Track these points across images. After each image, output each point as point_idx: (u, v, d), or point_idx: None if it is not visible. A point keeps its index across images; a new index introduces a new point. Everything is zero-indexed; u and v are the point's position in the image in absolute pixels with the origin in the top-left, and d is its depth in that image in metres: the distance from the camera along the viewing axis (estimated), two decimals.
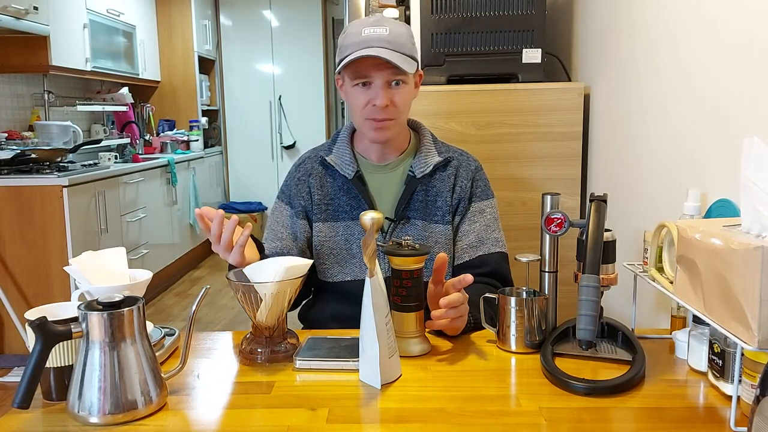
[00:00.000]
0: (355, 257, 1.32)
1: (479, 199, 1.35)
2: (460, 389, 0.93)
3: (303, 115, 5.87)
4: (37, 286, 3.05)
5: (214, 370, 1.02)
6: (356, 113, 1.27)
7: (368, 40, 1.20)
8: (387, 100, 1.22)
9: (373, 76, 1.22)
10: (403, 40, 1.22)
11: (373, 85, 1.23)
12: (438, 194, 1.33)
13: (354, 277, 1.32)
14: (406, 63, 1.21)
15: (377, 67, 1.20)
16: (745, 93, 1.10)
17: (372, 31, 1.20)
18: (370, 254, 0.93)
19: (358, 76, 1.23)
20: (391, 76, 1.22)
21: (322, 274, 1.34)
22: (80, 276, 1.00)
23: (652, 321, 1.47)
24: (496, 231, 1.35)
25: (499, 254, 1.33)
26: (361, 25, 1.22)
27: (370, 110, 1.24)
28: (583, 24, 1.99)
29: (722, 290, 0.80)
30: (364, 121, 1.26)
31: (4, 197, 2.98)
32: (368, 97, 1.23)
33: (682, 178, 1.33)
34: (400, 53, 1.20)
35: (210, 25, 5.55)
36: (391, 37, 1.20)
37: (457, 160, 1.36)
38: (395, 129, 1.29)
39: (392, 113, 1.24)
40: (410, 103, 1.29)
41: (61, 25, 3.53)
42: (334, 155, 1.34)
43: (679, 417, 0.85)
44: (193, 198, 4.87)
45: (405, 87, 1.25)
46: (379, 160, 1.34)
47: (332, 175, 1.34)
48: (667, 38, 1.40)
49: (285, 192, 1.38)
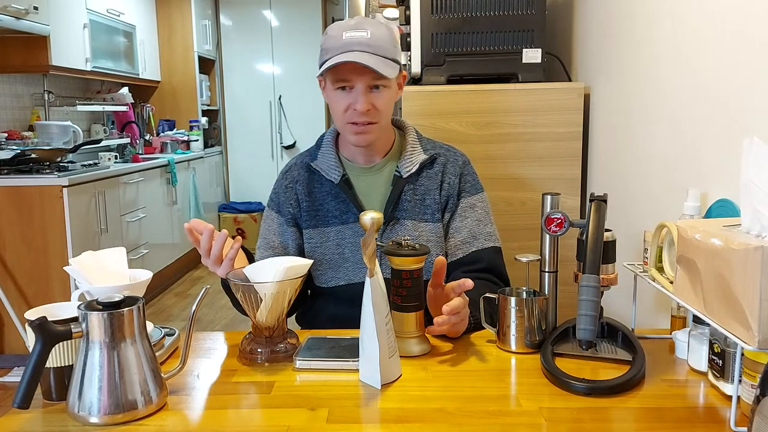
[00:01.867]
0: (348, 261, 1.31)
1: (468, 194, 1.34)
2: (460, 389, 0.93)
3: (303, 115, 5.87)
4: (37, 286, 3.05)
5: (214, 370, 1.02)
6: (338, 117, 1.26)
7: (349, 44, 1.18)
8: (368, 104, 1.21)
9: (354, 80, 1.20)
10: (383, 43, 1.20)
11: (354, 90, 1.22)
12: (426, 192, 1.32)
13: (348, 281, 1.31)
14: (388, 67, 1.19)
15: (358, 71, 1.19)
16: (745, 93, 1.10)
17: (353, 34, 1.19)
18: (370, 254, 0.93)
19: (339, 80, 1.21)
20: (371, 80, 1.20)
21: (316, 280, 1.34)
22: (80, 276, 1.00)
23: (652, 321, 1.47)
24: (488, 225, 1.34)
25: (493, 248, 1.32)
26: (341, 29, 1.21)
27: (351, 114, 1.23)
28: (583, 24, 1.99)
29: (722, 290, 0.80)
30: (346, 126, 1.26)
31: (4, 197, 2.98)
32: (349, 101, 1.22)
33: (682, 178, 1.33)
34: (381, 56, 1.19)
35: (210, 25, 5.55)
36: (372, 40, 1.19)
37: (444, 156, 1.35)
38: (377, 133, 1.27)
39: (374, 117, 1.23)
40: (392, 105, 1.29)
41: (61, 25, 3.53)
42: (319, 161, 1.34)
43: (679, 417, 0.85)
44: (193, 198, 4.87)
45: (386, 90, 1.24)
46: (365, 162, 1.34)
47: (319, 180, 1.33)
48: (667, 38, 1.40)
49: (274, 200, 1.38)
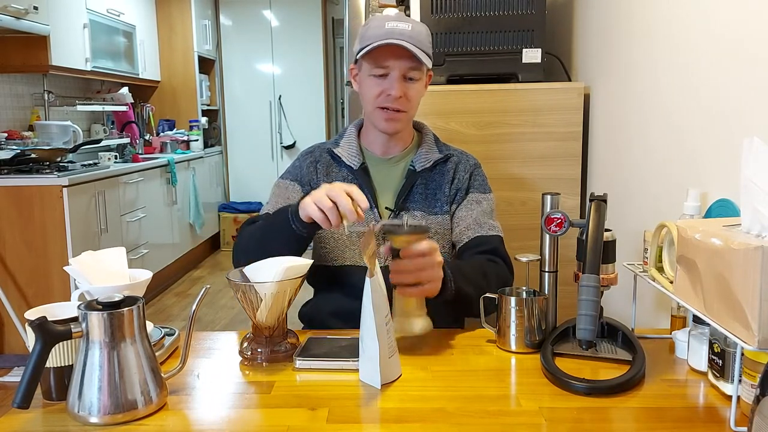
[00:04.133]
0: (355, 244, 1.35)
1: (477, 191, 1.40)
2: (460, 389, 0.93)
3: (303, 115, 5.87)
4: (37, 286, 3.05)
5: (214, 370, 1.02)
6: (369, 102, 1.33)
7: (391, 32, 1.26)
8: (401, 91, 1.29)
9: (392, 65, 1.28)
10: (422, 38, 1.29)
11: (389, 77, 1.29)
12: (437, 187, 1.38)
13: (353, 262, 1.35)
14: (424, 57, 1.28)
15: (397, 57, 1.27)
16: (745, 93, 1.10)
17: (395, 24, 1.27)
18: (370, 254, 0.93)
19: (378, 64, 1.28)
20: (408, 68, 1.28)
21: (322, 259, 1.37)
22: (80, 276, 1.00)
23: (652, 321, 1.47)
24: (492, 219, 1.39)
25: (497, 237, 1.36)
26: (384, 19, 1.29)
27: (383, 99, 1.30)
28: (583, 24, 1.99)
29: (722, 290, 0.80)
30: (375, 110, 1.32)
31: (4, 197, 2.98)
32: (382, 87, 1.30)
33: (682, 178, 1.33)
34: (419, 48, 1.26)
35: (210, 25, 5.55)
36: (413, 33, 1.27)
37: (457, 157, 1.43)
38: (404, 122, 1.35)
39: (404, 105, 1.31)
40: (420, 100, 1.36)
41: (61, 25, 3.53)
42: (341, 147, 1.41)
43: (679, 417, 0.85)
44: (193, 198, 4.87)
45: (418, 83, 1.32)
46: (383, 153, 1.40)
47: (338, 165, 1.40)
48: (667, 38, 1.40)
49: (292, 173, 1.43)
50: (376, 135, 1.38)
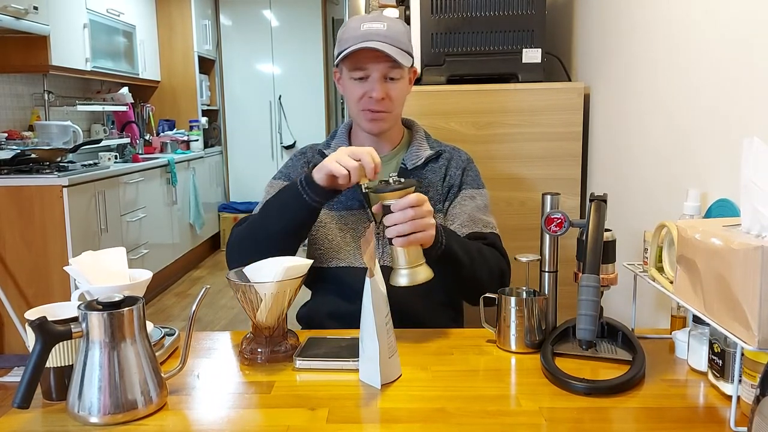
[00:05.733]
0: (350, 245, 1.34)
1: (470, 186, 1.39)
2: (460, 389, 0.93)
3: (303, 115, 5.87)
4: (37, 286, 3.05)
5: (214, 370, 1.02)
6: (353, 105, 1.33)
7: (367, 34, 1.25)
8: (383, 92, 1.28)
9: (371, 68, 1.27)
10: (399, 36, 1.27)
11: (369, 78, 1.28)
12: (430, 185, 1.37)
13: (348, 264, 1.33)
14: (402, 57, 1.26)
15: (375, 59, 1.25)
16: (745, 93, 1.10)
17: (371, 26, 1.26)
18: (370, 254, 0.93)
19: (356, 68, 1.28)
20: (387, 69, 1.27)
21: (317, 261, 1.35)
22: (80, 276, 1.00)
23: (652, 321, 1.47)
24: (487, 215, 1.37)
25: (493, 233, 1.34)
26: (360, 21, 1.27)
27: (366, 102, 1.29)
28: (583, 24, 1.99)
29: (722, 290, 0.80)
30: (360, 113, 1.32)
31: (4, 197, 2.98)
32: (364, 90, 1.29)
33: (682, 178, 1.33)
34: (397, 47, 1.25)
35: (210, 25, 5.55)
36: (389, 32, 1.25)
37: (449, 153, 1.42)
38: (390, 122, 1.34)
39: (387, 106, 1.30)
40: (404, 98, 1.35)
41: (61, 25, 3.53)
42: (332, 149, 1.38)
43: (679, 417, 0.85)
44: (193, 198, 4.87)
45: (400, 82, 1.31)
46: None
47: None
48: (667, 38, 1.40)
49: (284, 173, 1.42)
50: (365, 136, 1.37)
